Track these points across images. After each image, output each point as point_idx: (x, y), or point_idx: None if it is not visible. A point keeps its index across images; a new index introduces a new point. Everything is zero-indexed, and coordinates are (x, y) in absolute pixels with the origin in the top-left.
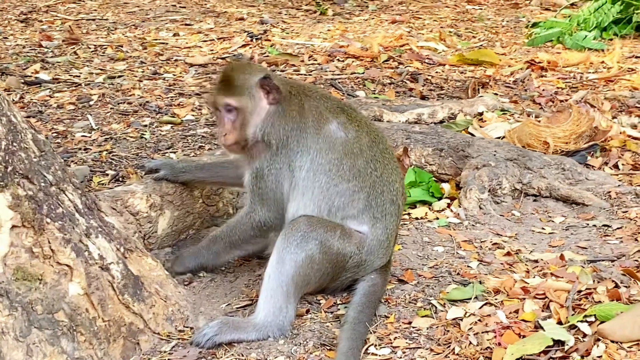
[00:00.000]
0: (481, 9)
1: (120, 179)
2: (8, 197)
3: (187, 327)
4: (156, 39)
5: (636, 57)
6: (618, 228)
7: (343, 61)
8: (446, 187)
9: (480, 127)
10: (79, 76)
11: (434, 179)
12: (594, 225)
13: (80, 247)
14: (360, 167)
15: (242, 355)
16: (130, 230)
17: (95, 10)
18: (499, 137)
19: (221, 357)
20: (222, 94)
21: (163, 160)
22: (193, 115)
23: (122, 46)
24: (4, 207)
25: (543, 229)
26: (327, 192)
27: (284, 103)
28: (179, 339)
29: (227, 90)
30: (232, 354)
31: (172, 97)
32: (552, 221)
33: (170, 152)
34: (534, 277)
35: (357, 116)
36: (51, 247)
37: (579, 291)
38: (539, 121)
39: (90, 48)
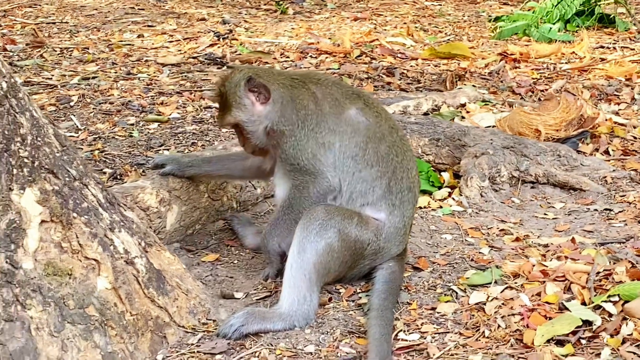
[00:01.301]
0: (440, 5)
1: (119, 176)
2: (36, 192)
3: (209, 319)
4: (121, 41)
5: (602, 47)
6: (620, 211)
7: (316, 57)
8: (445, 176)
9: (463, 118)
10: (51, 78)
11: (432, 168)
12: (596, 210)
13: (105, 242)
14: (383, 152)
15: (271, 345)
16: (143, 226)
17: (53, 13)
18: (488, 127)
19: (250, 347)
20: (220, 115)
21: (169, 155)
22: (179, 113)
23: (88, 48)
24: (32, 202)
25: (546, 214)
26: (352, 177)
27: (289, 94)
28: (204, 331)
29: (221, 111)
30: (261, 344)
31: (152, 96)
32: (553, 207)
33: (164, 150)
34: (551, 261)
35: (374, 102)
36: (79, 241)
37: (598, 272)
38: (533, 110)
39: (56, 51)
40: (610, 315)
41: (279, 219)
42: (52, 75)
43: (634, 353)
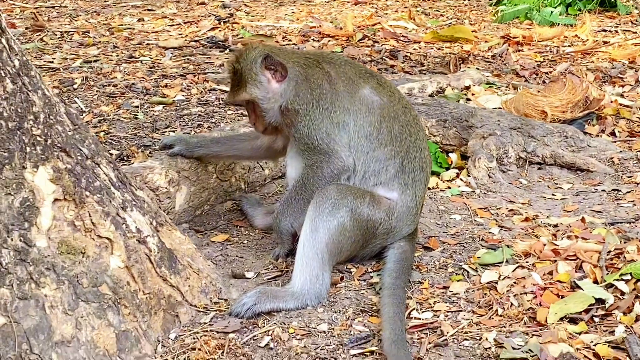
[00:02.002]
0: None
1: (125, 158)
2: (49, 171)
3: (221, 299)
4: (122, 25)
5: (604, 30)
6: (628, 192)
7: (319, 41)
8: (453, 157)
9: (469, 100)
10: (53, 61)
11: (439, 149)
12: (604, 190)
13: (118, 220)
14: (397, 131)
15: (284, 324)
16: (154, 206)
17: None
18: (495, 109)
19: (262, 326)
20: (233, 91)
21: (177, 135)
22: (183, 95)
23: (88, 32)
24: (45, 180)
25: (554, 195)
26: (366, 157)
27: (303, 73)
28: (216, 310)
29: (235, 86)
30: (274, 323)
31: (156, 78)
32: (561, 188)
33: (170, 131)
34: (562, 240)
35: (387, 82)
36: (92, 220)
37: (609, 251)
38: (539, 92)
39: (56, 35)
40: (623, 293)
41: (292, 198)
42: (54, 59)
43: None
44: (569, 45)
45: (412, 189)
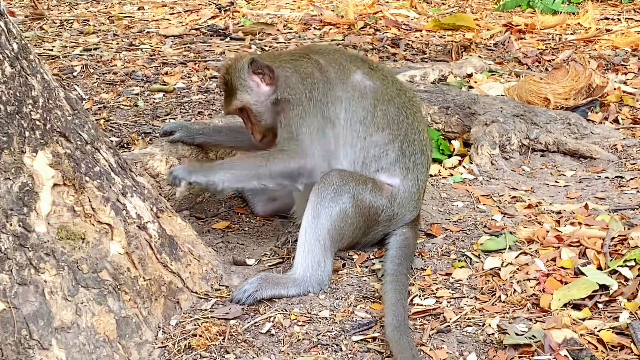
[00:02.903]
0: None
1: (125, 145)
2: (48, 155)
3: (222, 285)
4: (122, 13)
5: (607, 18)
6: (631, 179)
7: (320, 29)
8: (456, 144)
9: (471, 87)
10: (52, 49)
11: (442, 136)
12: (607, 177)
13: (118, 206)
14: (393, 114)
15: (285, 311)
16: (155, 192)
17: None
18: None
19: (264, 312)
20: (226, 101)
21: (178, 122)
22: (184, 83)
23: (88, 20)
24: (45, 165)
25: (557, 182)
26: (364, 142)
27: (292, 67)
28: (217, 297)
29: (228, 97)
30: (275, 310)
31: (156, 66)
32: (564, 175)
33: (170, 119)
34: (565, 227)
35: (379, 66)
36: (92, 205)
37: (613, 238)
38: (542, 79)
39: (55, 23)
40: (627, 279)
41: (244, 162)
42: (53, 47)
43: None
44: (571, 33)
45: (413, 173)
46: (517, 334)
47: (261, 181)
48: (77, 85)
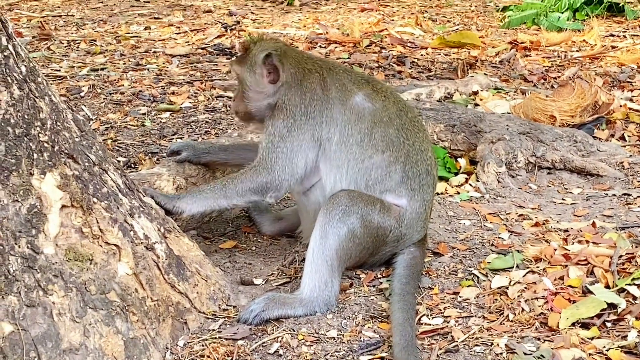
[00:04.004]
0: None
1: (133, 165)
2: (57, 177)
3: (230, 305)
4: (128, 33)
5: (612, 35)
6: (638, 196)
7: (325, 47)
8: (462, 162)
9: (477, 105)
10: (60, 70)
11: (448, 154)
12: (614, 195)
13: (125, 227)
14: (392, 136)
15: (293, 331)
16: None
17: (58, 7)
18: (503, 114)
19: (272, 332)
20: (234, 61)
21: (184, 142)
22: (190, 102)
23: (95, 40)
24: (53, 187)
25: (564, 199)
26: (362, 165)
27: (299, 78)
28: (224, 317)
29: (238, 59)
30: (283, 330)
31: (163, 86)
32: (571, 192)
33: (177, 138)
34: (573, 245)
35: (383, 87)
36: (100, 226)
37: (621, 256)
38: (548, 96)
39: (63, 43)
40: (635, 298)
41: (212, 184)
42: (61, 67)
43: None
44: (577, 50)
45: (420, 194)
46: (525, 354)
47: (230, 200)
48: (85, 106)
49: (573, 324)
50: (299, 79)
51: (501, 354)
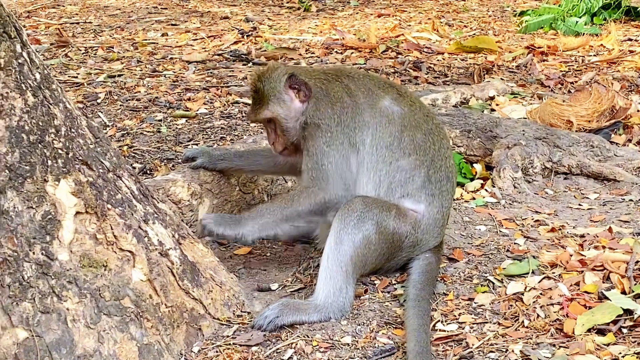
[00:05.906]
0: (464, 0)
1: (148, 171)
2: (71, 184)
3: (244, 312)
4: (146, 39)
5: (630, 39)
6: None
7: (342, 53)
8: (478, 167)
9: (493, 110)
10: (77, 76)
11: (464, 160)
12: (631, 200)
13: (140, 233)
14: (420, 140)
15: (307, 337)
16: (176, 218)
17: (76, 14)
18: (520, 119)
19: (286, 339)
20: (255, 109)
21: (200, 148)
22: (206, 108)
23: (112, 47)
24: (67, 193)
25: (580, 205)
26: (389, 167)
27: (324, 89)
28: (239, 323)
29: (257, 104)
30: (297, 336)
31: (179, 92)
32: (587, 197)
33: (193, 144)
34: (589, 250)
35: (407, 92)
36: (114, 233)
37: (637, 261)
38: (564, 101)
39: (80, 50)
40: None
41: (269, 207)
42: (78, 74)
43: None
44: (594, 55)
45: (439, 200)
46: None
47: (291, 222)
48: (101, 112)
49: (589, 330)
50: (324, 90)
51: None
